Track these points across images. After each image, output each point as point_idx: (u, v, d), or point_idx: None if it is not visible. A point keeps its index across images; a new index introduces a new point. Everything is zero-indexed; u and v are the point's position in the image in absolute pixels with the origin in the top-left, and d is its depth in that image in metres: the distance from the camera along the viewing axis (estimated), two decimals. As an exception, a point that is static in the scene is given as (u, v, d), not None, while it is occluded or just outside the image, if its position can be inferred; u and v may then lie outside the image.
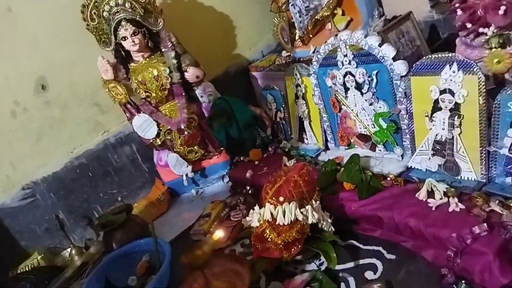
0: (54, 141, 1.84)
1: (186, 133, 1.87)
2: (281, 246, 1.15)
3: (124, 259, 1.49)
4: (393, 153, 1.43)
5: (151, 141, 1.90)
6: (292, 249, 1.18)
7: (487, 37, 1.37)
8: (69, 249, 1.77)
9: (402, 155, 1.40)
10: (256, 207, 1.26)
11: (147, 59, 1.80)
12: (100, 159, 1.94)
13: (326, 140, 1.70)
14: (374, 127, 1.45)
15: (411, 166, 1.35)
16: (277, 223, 1.17)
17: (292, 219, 1.16)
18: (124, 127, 1.99)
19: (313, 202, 1.23)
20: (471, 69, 1.09)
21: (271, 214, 1.19)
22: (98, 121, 1.94)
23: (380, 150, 1.48)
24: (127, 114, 1.87)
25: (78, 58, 1.84)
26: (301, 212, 1.17)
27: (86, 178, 1.90)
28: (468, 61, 1.10)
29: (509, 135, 1.07)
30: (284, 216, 1.17)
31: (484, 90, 1.08)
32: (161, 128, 1.87)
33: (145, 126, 1.85)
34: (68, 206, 1.86)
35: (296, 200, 1.19)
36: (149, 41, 1.76)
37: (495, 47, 1.36)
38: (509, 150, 1.08)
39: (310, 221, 1.18)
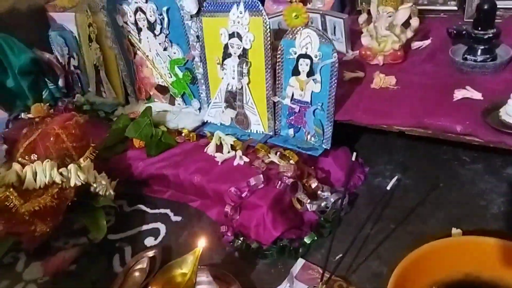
0: None
1: None
2: (27, 216, 0.89)
3: None
4: (190, 107, 1.29)
5: None
6: (49, 219, 0.93)
7: (289, -9, 1.33)
8: None
9: (199, 109, 1.28)
10: (1, 169, 0.96)
11: None
12: None
13: (126, 93, 1.47)
14: (171, 77, 1.29)
15: (206, 121, 1.24)
16: (24, 187, 0.90)
17: (47, 182, 0.91)
18: None
19: (82, 160, 0.99)
20: (258, 10, 1.00)
21: (19, 176, 0.91)
22: None
23: (179, 104, 1.33)
24: None
25: None
26: (61, 173, 0.93)
27: None
28: (255, 1, 1.00)
29: (290, 84, 1.03)
30: (35, 179, 0.91)
31: (269, 33, 1.00)
32: None
33: None
34: None
35: (54, 158, 0.94)
36: None
37: (295, 1, 1.34)
38: (291, 100, 1.04)
39: (73, 184, 0.95)
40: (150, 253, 0.95)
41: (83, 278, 0.95)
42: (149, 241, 1.03)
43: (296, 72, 1.01)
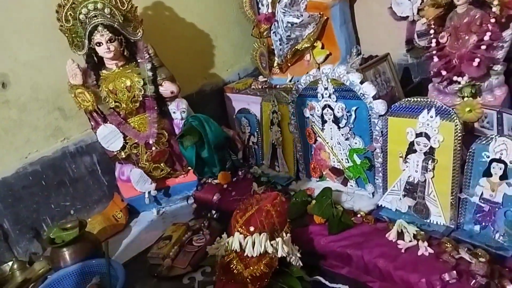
0: (7, 143, 1.69)
1: (153, 148, 1.78)
2: (247, 279, 1.09)
3: (72, 280, 1.37)
4: (364, 190, 1.43)
5: (115, 153, 1.80)
6: (258, 283, 1.12)
7: (460, 86, 1.43)
8: (10, 263, 1.60)
9: (373, 193, 1.40)
10: (224, 235, 1.20)
11: (121, 68, 1.72)
12: (56, 168, 1.80)
13: (298, 170, 1.68)
14: (348, 162, 1.45)
15: (381, 205, 1.35)
16: (245, 254, 1.12)
17: (262, 251, 1.11)
18: (87, 135, 1.87)
19: (284, 234, 1.18)
20: (449, 115, 1.12)
21: (240, 244, 1.13)
22: (59, 127, 1.81)
23: (351, 186, 1.48)
24: (92, 123, 1.77)
25: (46, 59, 1.73)
26: (271, 245, 1.12)
27: (38, 186, 1.75)
28: (447, 108, 1.12)
29: (480, 184, 1.09)
30: (253, 248, 1.12)
31: (460, 137, 1.10)
32: (127, 141, 1.77)
33: (110, 137, 1.75)
34: (15, 215, 1.69)
35: (267, 231, 1.15)
36: (125, 50, 1.69)
37: (467, 96, 1.42)
38: (479, 199, 1.10)
39: (279, 255, 1.13)
40: (341, 328, 1.06)
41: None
42: (334, 314, 1.15)
43: (487, 173, 1.08)
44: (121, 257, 1.53)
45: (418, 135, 1.20)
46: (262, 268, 1.10)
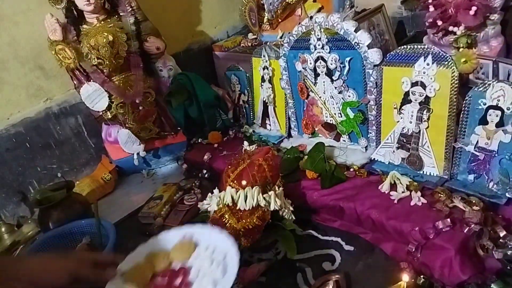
0: (-13, 104, 1.62)
1: (141, 108, 1.72)
2: (240, 232, 1.07)
3: (61, 240, 1.35)
4: (357, 144, 1.41)
5: (101, 113, 1.73)
6: (251, 237, 1.11)
7: (456, 36, 1.38)
8: (-2, 226, 1.58)
9: (366, 147, 1.38)
10: (216, 191, 1.17)
11: (102, 22, 1.62)
12: (40, 130, 1.74)
13: (290, 127, 1.65)
14: (341, 117, 1.42)
15: (374, 158, 1.33)
16: (237, 208, 1.10)
17: (254, 205, 1.09)
18: (70, 96, 1.80)
19: (276, 188, 1.16)
20: (446, 62, 1.08)
21: (232, 198, 1.11)
22: (41, 86, 1.74)
23: (344, 141, 1.45)
24: (75, 82, 1.69)
25: (23, 13, 1.63)
26: (264, 198, 1.10)
27: (23, 149, 1.70)
28: (444, 53, 1.08)
29: (476, 132, 1.07)
30: (245, 201, 1.10)
31: (457, 85, 1.07)
32: (113, 101, 1.70)
33: (94, 97, 1.68)
34: (0, 179, 1.65)
35: (259, 185, 1.12)
36: (106, 3, 1.59)
37: (463, 47, 1.38)
38: (474, 148, 1.09)
39: (272, 208, 1.11)
40: (334, 277, 1.06)
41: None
42: (327, 266, 1.14)
43: (483, 121, 1.06)
44: (111, 218, 1.50)
45: (414, 84, 1.16)
46: (254, 221, 1.08)
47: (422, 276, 0.98)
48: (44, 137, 1.76)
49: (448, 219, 0.99)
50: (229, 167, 1.19)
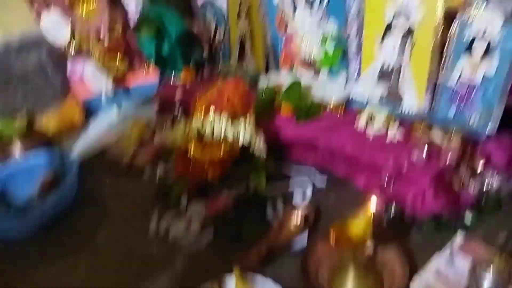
0: None
1: (107, 41, 1.60)
2: (206, 165, 1.02)
3: (23, 175, 1.27)
4: (336, 81, 1.33)
5: (64, 47, 1.60)
6: (219, 170, 1.05)
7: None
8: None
9: (345, 83, 1.31)
10: (182, 121, 1.10)
11: None
12: (0, 65, 1.61)
13: (267, 65, 1.56)
14: (320, 52, 1.34)
15: (353, 94, 1.27)
16: (204, 139, 1.03)
17: (222, 135, 1.03)
18: (31, 29, 1.65)
19: (246, 120, 1.10)
20: (432, -13, 0.99)
21: (198, 130, 1.04)
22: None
23: (323, 76, 1.38)
24: (33, 12, 1.54)
25: None
26: (232, 130, 1.04)
27: (-21, 85, 1.58)
28: (430, -23, 1.00)
29: (460, 65, 1.01)
30: (213, 132, 1.03)
31: (441, 14, 0.99)
32: (76, 33, 1.57)
33: (56, 28, 1.55)
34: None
35: (227, 116, 1.05)
36: None
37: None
38: (457, 81, 1.03)
39: (241, 141, 1.05)
40: (302, 210, 1.02)
41: (239, 220, 1.05)
42: (298, 200, 1.11)
43: (468, 53, 0.99)
44: (79, 155, 1.43)
45: (397, 14, 1.08)
46: (221, 153, 1.02)
47: (392, 207, 0.96)
48: (4, 73, 1.62)
49: (424, 152, 0.95)
50: (198, 99, 1.11)
